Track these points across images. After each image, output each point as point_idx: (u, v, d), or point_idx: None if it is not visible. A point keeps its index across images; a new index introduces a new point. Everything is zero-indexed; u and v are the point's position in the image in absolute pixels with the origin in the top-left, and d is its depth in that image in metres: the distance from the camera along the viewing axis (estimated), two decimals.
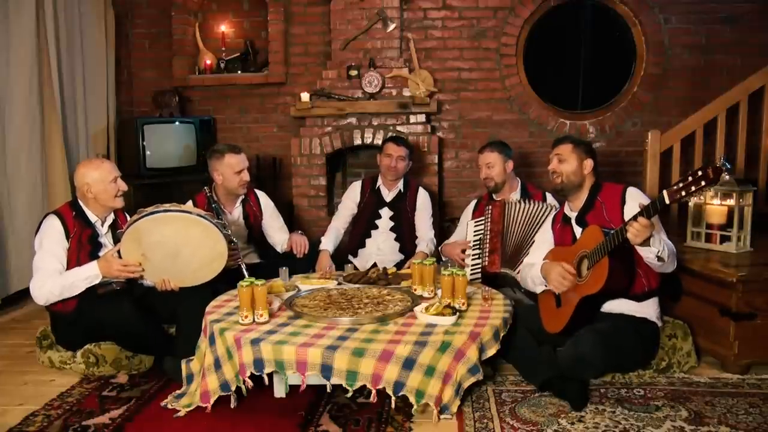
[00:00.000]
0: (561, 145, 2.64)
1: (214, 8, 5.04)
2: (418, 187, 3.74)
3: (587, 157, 2.57)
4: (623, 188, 2.52)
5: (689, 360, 2.58)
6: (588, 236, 2.40)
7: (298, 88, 4.75)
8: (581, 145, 2.62)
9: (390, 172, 3.59)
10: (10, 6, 3.69)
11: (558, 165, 2.60)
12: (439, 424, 2.13)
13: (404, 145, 3.64)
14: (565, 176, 2.57)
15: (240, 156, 3.25)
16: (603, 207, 2.52)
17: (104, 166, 2.73)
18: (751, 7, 4.58)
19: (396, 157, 3.56)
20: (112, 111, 4.75)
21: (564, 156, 2.58)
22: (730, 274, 2.51)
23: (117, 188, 2.72)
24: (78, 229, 2.66)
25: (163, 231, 2.59)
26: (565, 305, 2.44)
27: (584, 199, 2.58)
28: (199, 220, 2.62)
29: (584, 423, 2.13)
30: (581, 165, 2.56)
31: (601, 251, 2.27)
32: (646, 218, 2.12)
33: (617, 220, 2.43)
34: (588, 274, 2.35)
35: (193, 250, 2.65)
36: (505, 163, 3.26)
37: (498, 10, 4.73)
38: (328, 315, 2.36)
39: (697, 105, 3.76)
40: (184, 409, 2.26)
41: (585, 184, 2.58)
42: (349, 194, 3.76)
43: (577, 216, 2.59)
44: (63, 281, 2.55)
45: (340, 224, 3.70)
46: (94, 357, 2.64)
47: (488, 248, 3.11)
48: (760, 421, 2.12)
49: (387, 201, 3.68)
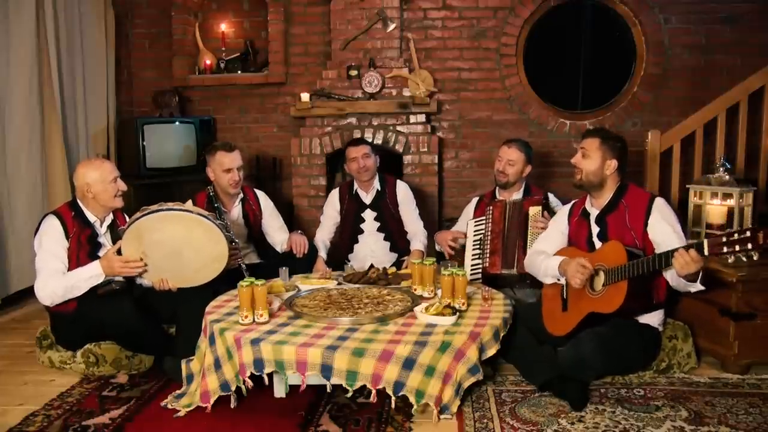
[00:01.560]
0: (589, 138, 2.52)
1: (214, 8, 5.04)
2: (396, 182, 3.70)
3: (612, 158, 2.45)
4: (650, 198, 2.43)
5: (689, 361, 2.57)
6: (609, 251, 2.32)
7: (298, 88, 4.76)
8: (610, 141, 2.48)
9: (362, 173, 3.55)
10: (10, 6, 3.69)
11: (580, 160, 2.51)
12: (439, 424, 2.13)
13: (363, 143, 3.64)
14: (584, 174, 2.49)
15: (231, 154, 3.23)
16: (626, 212, 2.43)
17: (104, 166, 2.73)
18: (751, 7, 4.58)
19: (361, 157, 3.53)
20: (112, 111, 4.75)
21: (588, 151, 2.49)
22: (730, 274, 2.51)
23: (117, 188, 2.72)
24: (77, 229, 2.65)
25: (164, 230, 2.59)
26: (572, 312, 2.42)
27: (608, 198, 2.49)
28: (201, 220, 2.62)
29: (584, 423, 2.13)
30: (603, 164, 2.46)
31: (621, 274, 2.21)
32: (697, 252, 2.02)
33: (639, 231, 2.38)
34: (603, 290, 2.31)
35: (194, 251, 2.65)
36: (525, 165, 3.22)
37: (498, 10, 4.73)
38: (328, 315, 2.36)
39: (697, 105, 3.76)
40: (184, 409, 2.26)
41: (607, 185, 2.49)
42: (329, 204, 3.73)
43: (598, 214, 2.51)
44: (66, 282, 2.55)
45: (325, 235, 3.68)
46: (94, 357, 2.64)
47: (489, 249, 3.10)
48: (760, 421, 2.12)
49: (367, 203, 3.65)
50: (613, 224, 2.45)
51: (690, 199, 3.08)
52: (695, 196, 3.05)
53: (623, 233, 2.41)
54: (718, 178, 2.99)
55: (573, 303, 2.43)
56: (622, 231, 2.42)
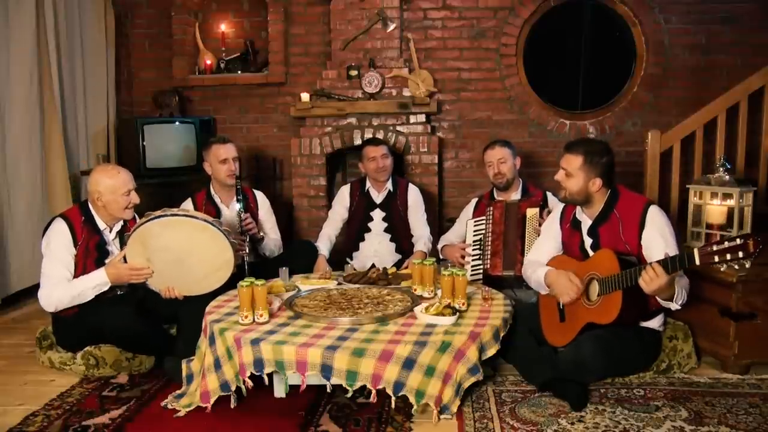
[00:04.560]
0: (571, 155, 2.41)
1: (214, 8, 5.04)
2: (407, 185, 3.74)
3: (596, 176, 2.36)
4: (644, 206, 2.34)
5: (689, 361, 2.57)
6: (601, 260, 2.29)
7: (298, 88, 4.76)
8: (594, 158, 2.36)
9: (381, 172, 3.59)
10: (10, 6, 3.69)
11: (564, 179, 2.43)
12: (439, 424, 2.13)
13: (381, 143, 3.70)
14: (568, 193, 2.44)
15: (226, 146, 3.26)
16: (620, 223, 2.36)
17: (120, 176, 2.65)
18: (751, 7, 4.58)
19: (380, 157, 3.57)
20: (112, 111, 4.75)
21: (571, 171, 2.40)
22: (730, 274, 2.50)
23: (129, 200, 2.66)
24: (86, 235, 2.63)
25: (169, 235, 2.56)
26: (570, 322, 2.40)
27: (599, 209, 2.43)
28: (206, 225, 2.58)
29: (584, 423, 2.13)
30: (587, 184, 2.38)
31: (614, 284, 2.19)
32: (664, 271, 2.00)
33: (633, 243, 2.33)
34: (598, 300, 2.29)
35: (199, 257, 2.62)
36: (514, 159, 3.25)
37: (498, 10, 4.74)
38: (328, 315, 2.36)
39: (697, 105, 3.76)
40: (184, 409, 2.26)
41: (595, 199, 2.42)
42: (339, 200, 3.75)
43: (590, 226, 2.46)
44: (72, 291, 2.54)
45: (331, 231, 3.69)
46: (94, 359, 2.63)
47: (490, 251, 3.10)
48: (760, 421, 2.12)
49: (377, 203, 3.67)
50: (606, 236, 2.40)
51: (690, 199, 3.07)
52: (695, 196, 3.05)
53: (617, 245, 2.35)
54: (718, 178, 2.99)
55: (570, 314, 2.42)
56: (615, 243, 2.36)
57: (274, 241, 3.44)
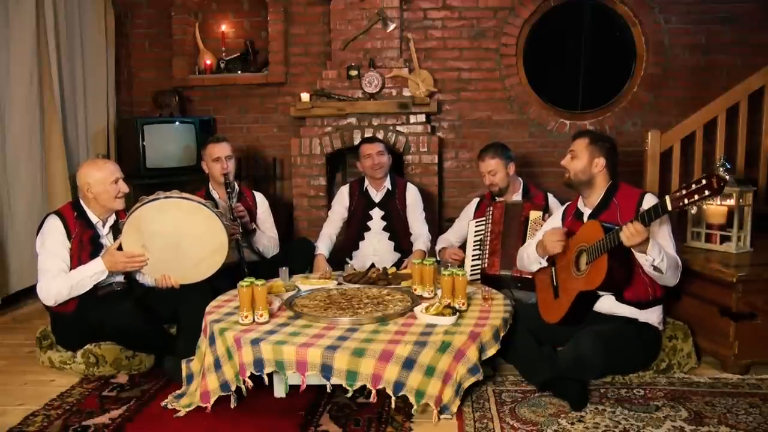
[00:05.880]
0: (578, 139, 2.56)
1: (214, 8, 5.04)
2: (406, 184, 3.76)
3: (599, 156, 2.48)
4: (641, 193, 2.46)
5: (689, 361, 2.58)
6: (587, 231, 2.38)
7: (298, 88, 4.76)
8: (599, 142, 2.52)
9: (377, 170, 3.60)
10: (10, 6, 3.69)
11: (569, 161, 2.54)
12: (439, 424, 2.13)
13: (377, 140, 3.72)
14: (573, 173, 2.53)
15: (219, 145, 3.31)
16: (618, 209, 2.45)
17: (107, 166, 2.72)
18: (751, 7, 4.58)
19: (376, 154, 3.59)
20: (112, 111, 4.75)
21: (577, 152, 2.52)
22: (730, 274, 2.51)
23: (118, 189, 2.70)
24: (79, 230, 2.65)
25: (163, 219, 2.59)
26: (563, 296, 2.46)
27: (599, 197, 2.52)
28: (200, 206, 2.63)
29: (584, 423, 2.13)
30: (591, 162, 2.48)
31: (600, 249, 2.26)
32: (640, 223, 2.11)
33: None
34: (587, 268, 2.35)
35: (194, 239, 2.64)
36: (506, 167, 3.24)
37: (498, 10, 4.74)
38: (328, 315, 2.36)
39: (697, 105, 3.76)
40: (184, 409, 2.26)
41: (596, 182, 2.51)
42: (338, 199, 3.76)
43: (590, 214, 2.53)
44: (70, 281, 2.55)
45: (332, 230, 3.70)
46: (94, 357, 2.64)
47: (488, 250, 3.10)
48: (760, 421, 2.12)
49: (376, 201, 3.68)
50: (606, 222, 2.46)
51: None
52: None
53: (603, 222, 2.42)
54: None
55: (563, 288, 2.47)
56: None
57: (269, 238, 3.44)
